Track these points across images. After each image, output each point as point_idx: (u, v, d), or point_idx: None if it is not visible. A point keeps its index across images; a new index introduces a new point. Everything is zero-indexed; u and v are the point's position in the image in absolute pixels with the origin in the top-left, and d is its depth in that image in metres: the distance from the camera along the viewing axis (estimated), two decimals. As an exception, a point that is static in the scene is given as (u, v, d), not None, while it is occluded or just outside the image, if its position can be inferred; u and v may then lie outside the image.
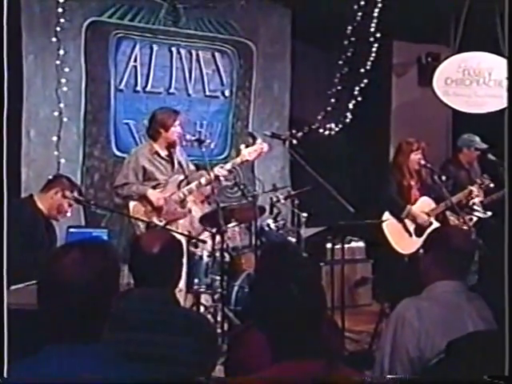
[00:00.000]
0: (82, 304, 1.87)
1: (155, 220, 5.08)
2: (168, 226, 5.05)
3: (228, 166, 5.21)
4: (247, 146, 5.29)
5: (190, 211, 5.40)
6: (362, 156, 7.51)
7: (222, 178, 5.18)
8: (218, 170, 5.14)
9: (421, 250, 3.04)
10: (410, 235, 5.72)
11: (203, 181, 5.19)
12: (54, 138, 6.08)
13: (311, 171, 4.93)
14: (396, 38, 7.53)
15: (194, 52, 6.89)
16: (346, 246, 6.11)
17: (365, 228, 5.87)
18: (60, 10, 6.01)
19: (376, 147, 7.48)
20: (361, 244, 6.85)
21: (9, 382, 1.88)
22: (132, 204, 5.15)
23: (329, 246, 6.25)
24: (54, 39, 6.03)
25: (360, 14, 7.24)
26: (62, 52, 6.07)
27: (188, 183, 5.28)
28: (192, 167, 5.52)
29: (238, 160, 5.24)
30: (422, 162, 5.70)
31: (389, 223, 5.66)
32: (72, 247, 1.98)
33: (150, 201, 5.12)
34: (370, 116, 7.50)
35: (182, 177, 5.30)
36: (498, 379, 2.00)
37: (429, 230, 4.47)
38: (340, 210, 4.91)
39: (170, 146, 5.29)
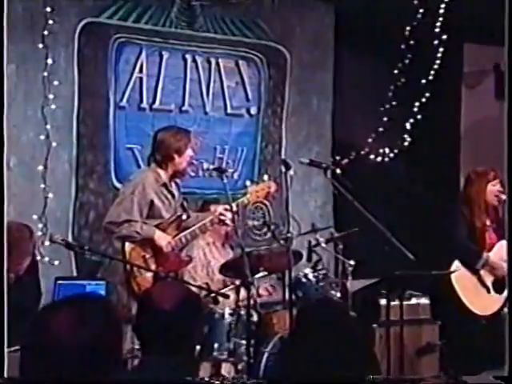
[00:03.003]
0: (75, 376, 1.89)
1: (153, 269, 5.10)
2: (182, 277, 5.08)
3: (234, 206, 5.22)
4: (257, 183, 5.35)
5: (191, 259, 5.41)
6: (424, 189, 7.48)
7: (228, 222, 5.21)
8: (222, 210, 5.19)
9: (505, 310, 3.01)
10: (488, 291, 5.67)
11: (207, 223, 5.22)
12: (40, 168, 6.17)
13: (360, 208, 4.93)
14: (467, 39, 7.55)
15: (212, 60, 6.99)
16: (406, 302, 6.05)
17: (429, 280, 5.82)
18: (48, 9, 6.15)
19: (441, 178, 7.45)
20: (424, 301, 6.76)
21: (9, 382, 1.91)
22: (128, 248, 5.15)
23: (383, 302, 6.19)
24: (40, 45, 6.16)
25: (422, 10, 7.28)
26: (50, 61, 6.20)
27: (188, 225, 5.31)
28: (184, 203, 5.55)
29: (245, 200, 5.28)
30: (503, 196, 5.67)
31: (460, 275, 5.61)
32: (62, 306, 2.01)
33: (157, 245, 5.14)
34: (434, 138, 7.49)
35: (184, 216, 5.33)
36: (498, 379, 2.03)
37: None
38: (397, 257, 4.89)
39: (177, 175, 5.33)
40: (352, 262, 5.70)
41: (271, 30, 7.21)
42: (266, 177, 5.37)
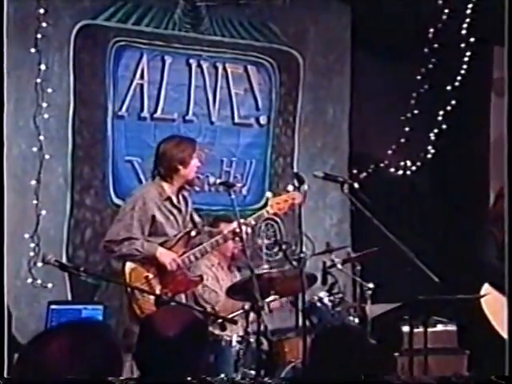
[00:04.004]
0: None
1: (158, 290, 5.11)
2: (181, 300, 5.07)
3: (252, 220, 5.23)
4: (275, 195, 5.34)
5: (201, 278, 5.42)
6: (450, 205, 7.47)
7: (243, 236, 5.21)
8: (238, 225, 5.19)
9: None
10: (523, 317, 5.65)
11: (220, 239, 5.23)
12: (33, 182, 6.19)
13: (379, 225, 4.93)
14: (497, 42, 7.54)
15: (219, 65, 7.01)
16: (431, 330, 6.03)
17: (456, 306, 5.80)
18: (41, 10, 6.18)
19: (469, 193, 7.44)
20: (451, 327, 6.75)
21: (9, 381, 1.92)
22: (129, 268, 5.16)
23: (406, 329, 6.18)
24: (32, 50, 6.20)
25: (447, 10, 7.27)
26: (43, 67, 6.23)
27: (197, 242, 5.32)
28: (197, 218, 5.56)
29: (265, 214, 5.28)
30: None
31: (491, 299, 5.59)
32: (55, 333, 2.01)
33: (160, 263, 5.15)
34: (460, 150, 7.48)
35: (193, 232, 5.34)
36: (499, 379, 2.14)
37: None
38: (420, 280, 4.87)
39: (184, 188, 5.35)
40: (371, 285, 5.69)
41: (283, 32, 7.23)
42: (290, 187, 5.32)
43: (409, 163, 7.55)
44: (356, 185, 6.69)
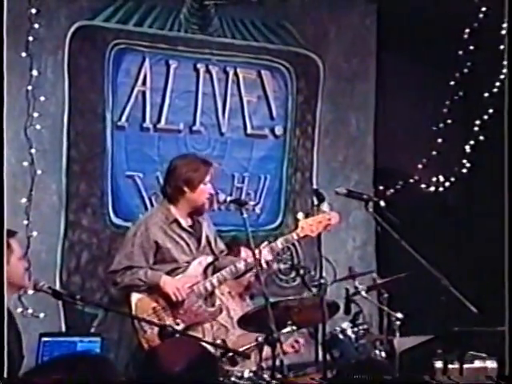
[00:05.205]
0: None
1: (168, 322, 5.11)
2: (192, 332, 5.07)
3: (278, 244, 5.23)
4: (307, 215, 5.32)
5: (220, 310, 5.41)
6: (487, 225, 7.43)
7: (267, 263, 5.21)
8: (263, 254, 5.17)
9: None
10: None
11: (241, 266, 5.23)
12: (23, 200, 6.20)
13: (408, 248, 4.91)
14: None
15: (230, 70, 7.04)
16: (467, 366, 6.00)
17: (496, 338, 5.77)
18: (33, 10, 6.20)
19: (509, 212, 7.41)
20: (491, 364, 6.71)
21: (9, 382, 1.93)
22: (135, 298, 5.19)
23: (439, 365, 6.15)
24: (23, 54, 6.22)
25: (484, 9, 7.27)
26: (35, 72, 6.25)
27: (217, 269, 5.32)
28: (221, 246, 5.56)
29: (294, 236, 5.27)
30: None
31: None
32: (49, 368, 2.02)
33: (165, 293, 5.17)
34: (499, 164, 7.45)
35: (210, 258, 5.34)
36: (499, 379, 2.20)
37: None
38: (455, 310, 4.86)
39: (196, 212, 5.36)
40: (400, 315, 5.67)
41: (300, 33, 7.25)
42: (325, 205, 5.28)
43: (441, 179, 7.54)
44: (382, 203, 6.67)
